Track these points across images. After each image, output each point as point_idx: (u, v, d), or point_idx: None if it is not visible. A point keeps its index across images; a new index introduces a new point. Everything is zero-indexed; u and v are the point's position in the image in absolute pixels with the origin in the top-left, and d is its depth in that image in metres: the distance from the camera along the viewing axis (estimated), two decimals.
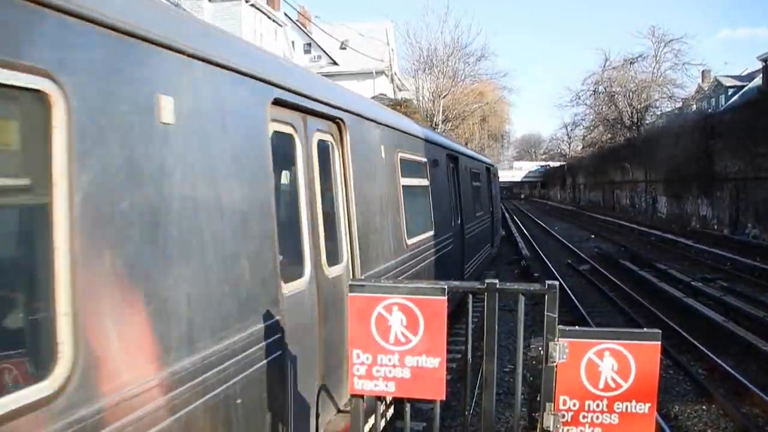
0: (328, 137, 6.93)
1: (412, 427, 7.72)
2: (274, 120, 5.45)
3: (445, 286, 4.34)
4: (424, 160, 12.35)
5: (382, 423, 6.78)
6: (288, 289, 5.53)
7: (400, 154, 10.05)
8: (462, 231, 16.79)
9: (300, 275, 5.97)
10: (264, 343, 4.86)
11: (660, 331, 4.20)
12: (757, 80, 63.40)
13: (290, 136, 6.03)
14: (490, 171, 27.02)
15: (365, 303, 4.35)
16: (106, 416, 3.16)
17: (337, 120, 7.05)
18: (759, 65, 61.44)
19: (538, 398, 4.30)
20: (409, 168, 10.92)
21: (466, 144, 52.75)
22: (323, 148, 6.83)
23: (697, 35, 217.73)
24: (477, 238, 19.97)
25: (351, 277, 7.07)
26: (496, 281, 4.47)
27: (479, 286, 4.51)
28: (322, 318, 6.28)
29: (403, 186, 9.95)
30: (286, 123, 5.88)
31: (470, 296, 4.72)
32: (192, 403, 3.88)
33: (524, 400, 4.74)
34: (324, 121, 6.78)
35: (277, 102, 5.46)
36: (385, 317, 4.32)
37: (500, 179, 43.90)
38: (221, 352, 4.26)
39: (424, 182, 12.39)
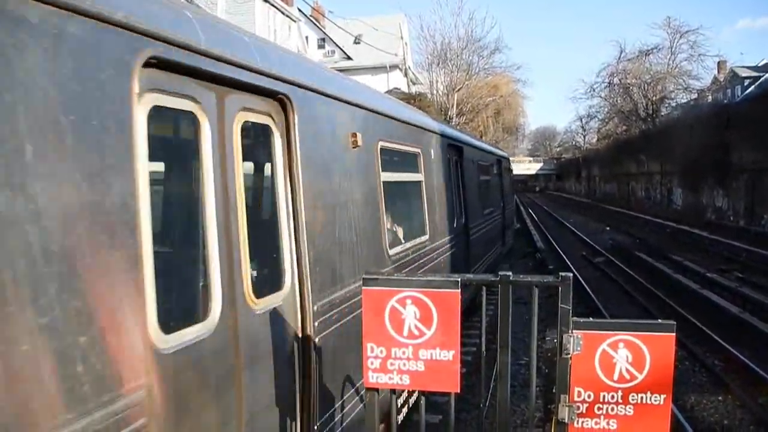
0: (263, 119, 5.17)
1: (428, 420, 7.69)
2: (153, 90, 3.73)
3: (459, 279, 4.35)
4: (417, 150, 10.31)
5: (400, 417, 6.72)
6: (171, 342, 3.76)
7: (381, 143, 8.02)
8: (466, 232, 14.97)
9: (199, 318, 4.21)
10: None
11: (674, 323, 4.19)
12: None
13: (191, 115, 4.23)
14: (501, 163, 25.11)
15: (379, 296, 4.36)
16: None
17: (281, 96, 5.24)
18: None
19: (554, 390, 4.31)
20: (396, 161, 9.20)
21: (481, 137, 52.65)
22: (255, 134, 5.28)
23: (713, 26, 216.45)
24: (485, 239, 17.98)
25: (299, 306, 5.35)
26: (510, 273, 4.48)
27: (493, 279, 4.52)
28: (242, 372, 4.50)
29: (384, 182, 7.96)
30: (183, 96, 4.09)
31: (484, 289, 4.73)
32: None
33: (539, 392, 4.75)
34: (257, 97, 5.00)
35: (161, 64, 3.76)
36: (398, 310, 4.33)
37: (515, 172, 43.74)
38: None
39: (417, 177, 10.37)
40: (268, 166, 5.53)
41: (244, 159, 4.76)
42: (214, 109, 4.42)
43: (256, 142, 5.40)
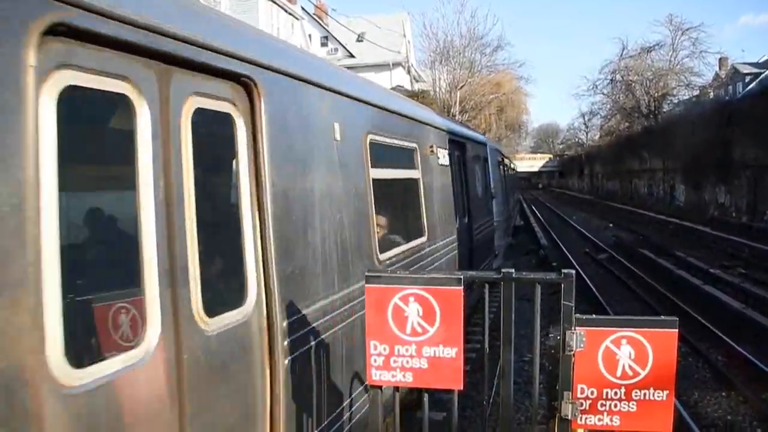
0: (222, 105, 4.36)
1: (432, 417, 7.67)
2: (64, 66, 2.99)
3: (461, 276, 4.36)
4: (414, 145, 9.52)
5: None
6: (85, 378, 2.98)
7: (370, 137, 7.25)
8: (470, 230, 14.41)
9: (131, 345, 3.46)
10: None
11: (677, 319, 4.20)
12: None
13: (123, 98, 3.44)
14: (495, 154, 24.32)
15: (381, 294, 4.36)
16: None
17: (244, 79, 4.48)
18: None
19: (557, 387, 4.32)
20: (387, 156, 8.33)
21: (484, 134, 52.53)
22: (211, 123, 4.41)
23: (715, 23, 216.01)
24: (488, 238, 17.67)
25: (266, 324, 4.59)
26: (512, 270, 4.47)
27: (495, 276, 4.52)
28: (185, 406, 3.69)
29: (374, 180, 7.22)
30: (110, 75, 3.29)
31: (487, 286, 4.73)
32: None
33: (543, 389, 4.76)
34: (215, 80, 4.23)
35: (73, 33, 3.00)
36: (401, 308, 4.33)
37: (518, 169, 43.64)
38: None
39: (413, 174, 9.57)
40: (227, 161, 4.70)
41: (198, 153, 3.97)
42: (157, 95, 3.65)
43: (212, 135, 4.57)
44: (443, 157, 11.67)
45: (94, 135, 3.92)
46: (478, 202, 16.31)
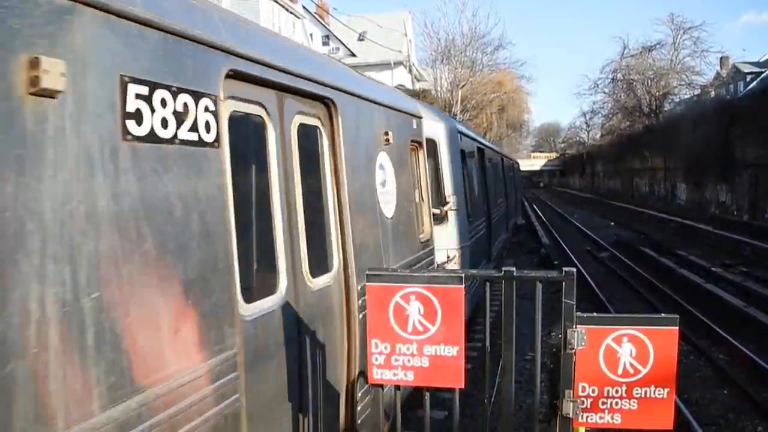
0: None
1: (434, 416, 7.73)
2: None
3: (462, 275, 4.36)
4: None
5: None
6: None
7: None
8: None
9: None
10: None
11: (678, 317, 4.21)
12: None
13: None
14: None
15: (383, 292, 4.38)
16: None
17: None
18: None
19: (559, 385, 4.32)
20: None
21: (485, 134, 52.57)
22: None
23: (716, 22, 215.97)
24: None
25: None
26: (513, 269, 4.48)
27: (496, 275, 4.53)
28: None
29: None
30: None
31: (488, 285, 4.74)
32: None
33: (545, 387, 4.77)
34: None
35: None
36: (402, 306, 4.34)
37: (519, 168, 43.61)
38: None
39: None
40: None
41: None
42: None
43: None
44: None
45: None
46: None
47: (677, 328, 4.19)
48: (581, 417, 4.32)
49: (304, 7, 56.70)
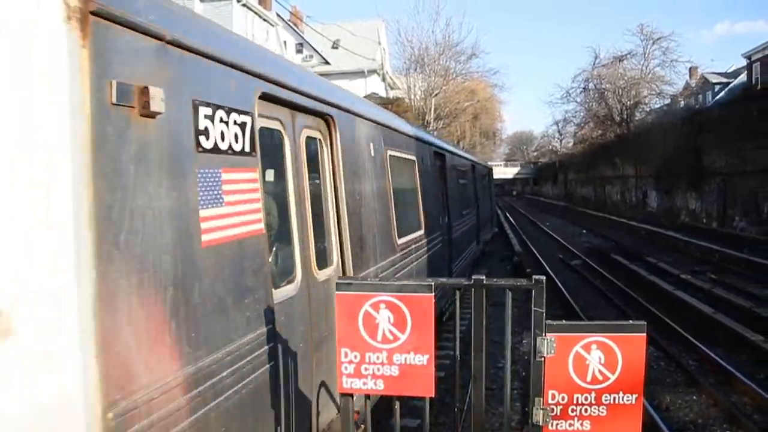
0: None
1: (406, 424, 7.74)
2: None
3: (432, 284, 4.36)
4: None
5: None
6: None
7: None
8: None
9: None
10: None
11: (645, 323, 4.24)
12: (742, 77, 64.02)
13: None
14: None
15: (352, 301, 4.36)
16: None
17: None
18: (744, 62, 62.00)
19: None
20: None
21: (458, 142, 52.71)
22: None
23: (685, 33, 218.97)
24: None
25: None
26: (483, 277, 4.49)
27: (467, 283, 4.53)
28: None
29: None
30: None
31: (458, 293, 4.74)
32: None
33: (517, 395, 4.78)
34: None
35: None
36: (372, 315, 4.33)
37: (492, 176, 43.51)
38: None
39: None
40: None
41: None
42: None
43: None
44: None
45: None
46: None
47: (645, 334, 4.22)
48: (551, 424, 4.33)
49: (278, 15, 56.61)
